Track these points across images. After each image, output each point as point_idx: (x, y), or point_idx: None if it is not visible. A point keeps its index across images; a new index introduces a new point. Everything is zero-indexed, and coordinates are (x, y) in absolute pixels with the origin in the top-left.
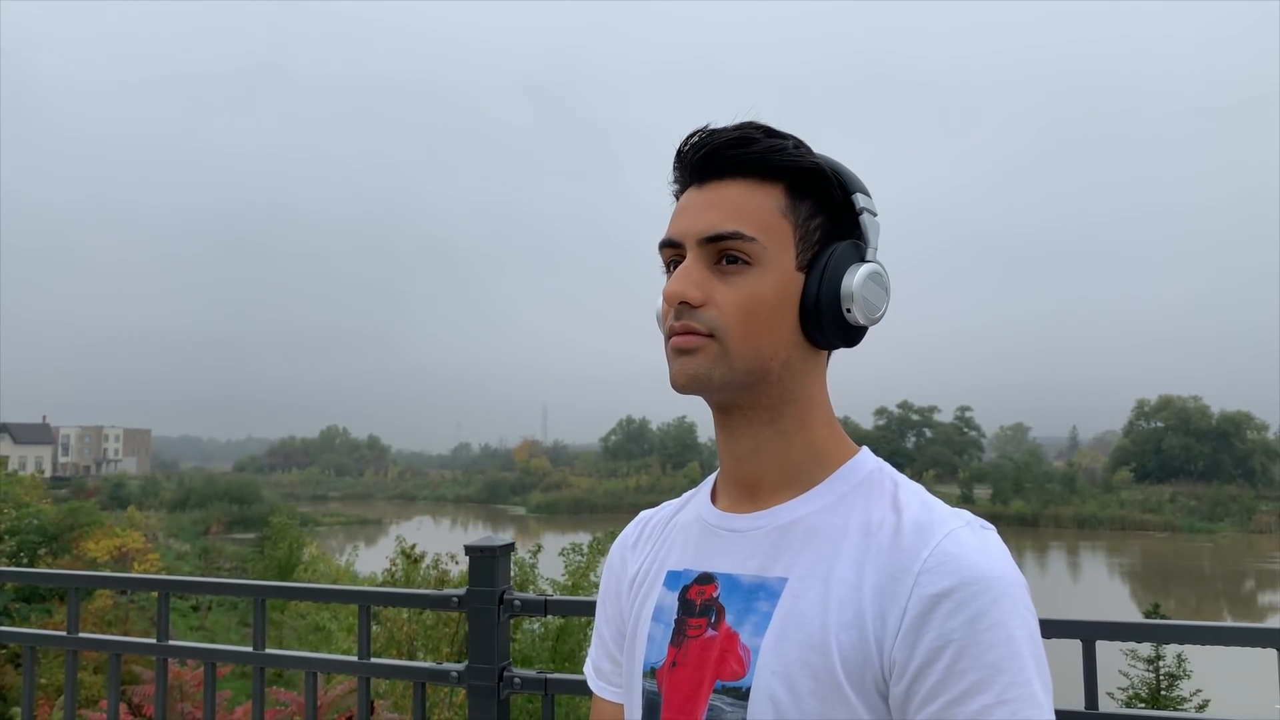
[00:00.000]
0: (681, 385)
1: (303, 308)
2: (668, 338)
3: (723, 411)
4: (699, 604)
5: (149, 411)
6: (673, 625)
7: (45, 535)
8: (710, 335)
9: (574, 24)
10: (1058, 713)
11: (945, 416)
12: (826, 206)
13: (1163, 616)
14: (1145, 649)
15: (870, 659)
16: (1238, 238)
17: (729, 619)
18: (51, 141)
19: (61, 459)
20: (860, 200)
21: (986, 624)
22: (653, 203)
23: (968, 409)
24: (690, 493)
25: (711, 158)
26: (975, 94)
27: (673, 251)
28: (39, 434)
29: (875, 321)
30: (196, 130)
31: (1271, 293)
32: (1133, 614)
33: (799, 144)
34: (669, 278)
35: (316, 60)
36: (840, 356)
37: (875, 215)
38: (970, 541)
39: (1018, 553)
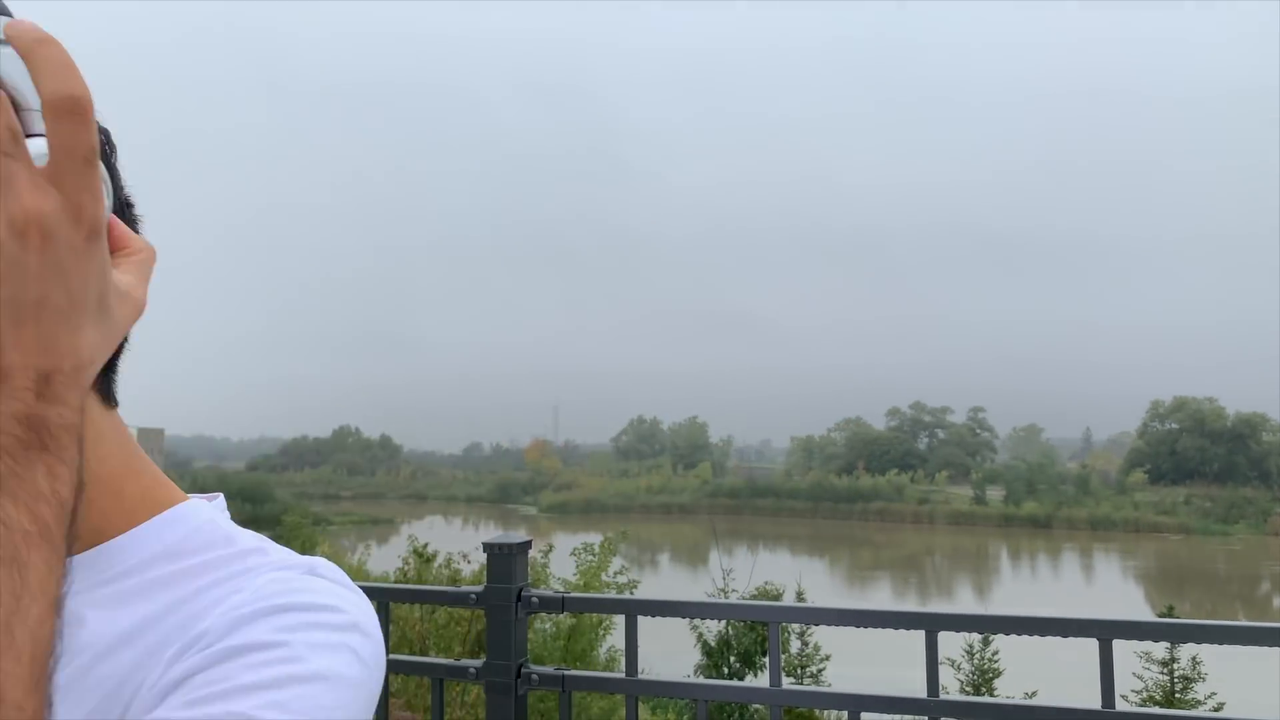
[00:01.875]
0: None
1: (313, 308)
2: None
3: None
4: None
5: (162, 411)
6: None
7: None
8: None
9: (580, 21)
10: (1076, 711)
11: (958, 417)
12: None
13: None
14: (1159, 652)
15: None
16: (1254, 240)
17: None
18: None
19: None
20: None
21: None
22: (662, 201)
23: (981, 410)
24: None
25: None
26: (993, 93)
27: None
28: None
29: None
30: (204, 128)
31: None
32: (1147, 617)
33: None
34: None
35: (321, 59)
36: (846, 358)
37: None
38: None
39: (1029, 554)
